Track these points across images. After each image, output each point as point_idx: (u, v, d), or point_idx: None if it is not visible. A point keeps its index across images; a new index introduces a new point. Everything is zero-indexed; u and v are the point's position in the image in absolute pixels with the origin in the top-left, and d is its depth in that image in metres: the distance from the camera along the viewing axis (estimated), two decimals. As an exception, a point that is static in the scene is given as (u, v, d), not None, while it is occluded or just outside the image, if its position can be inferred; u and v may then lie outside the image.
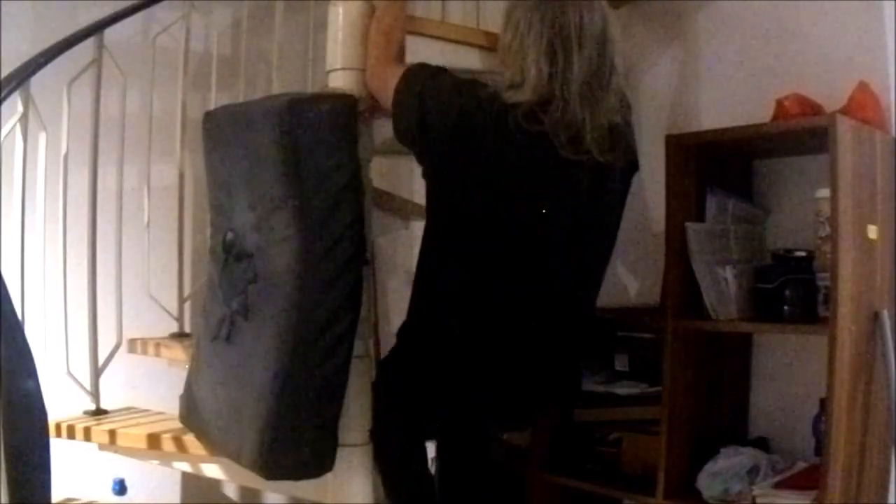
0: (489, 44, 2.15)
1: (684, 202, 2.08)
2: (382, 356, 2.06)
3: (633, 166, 1.87)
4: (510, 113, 1.67)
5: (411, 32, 1.97)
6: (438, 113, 1.73)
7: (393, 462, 1.90)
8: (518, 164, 1.71)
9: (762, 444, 2.12)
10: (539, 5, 1.70)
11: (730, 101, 2.27)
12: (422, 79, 1.78)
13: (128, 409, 2.55)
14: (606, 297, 2.28)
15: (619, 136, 1.74)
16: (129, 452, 2.36)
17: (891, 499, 1.91)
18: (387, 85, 1.82)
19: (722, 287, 2.00)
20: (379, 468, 1.90)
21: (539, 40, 1.67)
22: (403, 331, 1.89)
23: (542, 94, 1.67)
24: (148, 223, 2.65)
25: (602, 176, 1.73)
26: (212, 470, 2.25)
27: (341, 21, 1.94)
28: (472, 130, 1.71)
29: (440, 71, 1.80)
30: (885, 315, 1.85)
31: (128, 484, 2.49)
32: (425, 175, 1.82)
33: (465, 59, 2.12)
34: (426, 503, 1.92)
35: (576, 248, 1.78)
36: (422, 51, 1.97)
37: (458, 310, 1.79)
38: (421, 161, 1.81)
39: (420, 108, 1.75)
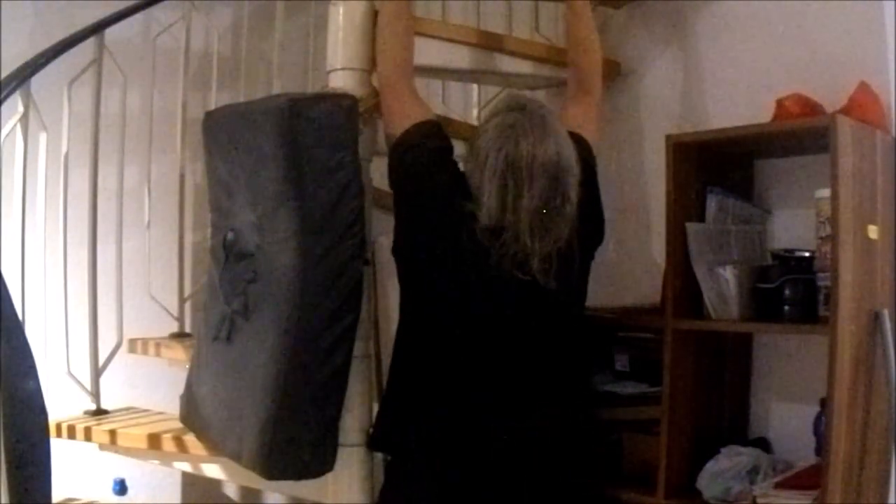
0: (489, 44, 2.15)
1: (684, 202, 2.07)
2: (382, 356, 2.07)
3: (591, 250, 1.93)
4: (473, 225, 1.75)
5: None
6: (417, 194, 1.84)
7: None
8: (473, 264, 1.78)
9: (762, 444, 2.12)
10: (497, 139, 1.76)
11: (730, 101, 2.27)
12: (425, 149, 1.85)
13: (128, 409, 2.55)
14: (606, 297, 2.28)
15: (567, 260, 1.80)
16: (130, 452, 2.36)
17: (891, 499, 1.91)
18: (395, 112, 1.89)
19: (722, 287, 1.99)
20: None
21: (493, 174, 1.74)
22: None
23: (496, 220, 1.74)
24: (148, 223, 2.65)
25: (544, 295, 1.79)
26: (212, 470, 2.25)
27: (342, 21, 1.94)
28: (437, 222, 1.82)
29: (444, 150, 1.88)
30: (886, 315, 1.85)
31: (128, 484, 2.49)
32: (393, 251, 1.89)
33: (465, 59, 2.13)
34: None
35: (524, 340, 1.85)
36: (422, 51, 1.97)
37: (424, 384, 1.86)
38: (396, 212, 1.88)
39: (405, 179, 1.85)
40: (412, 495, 1.83)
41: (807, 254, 1.95)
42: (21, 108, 2.28)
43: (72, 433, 2.33)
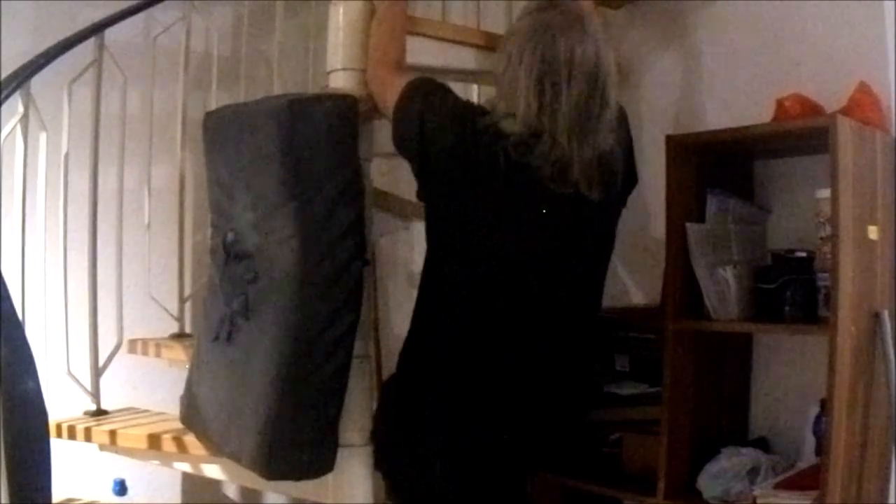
0: (489, 44, 2.15)
1: (684, 202, 2.08)
2: (382, 357, 2.06)
3: (624, 194, 1.86)
4: (502, 143, 1.68)
5: (411, 32, 1.97)
6: (436, 135, 1.74)
7: (401, 481, 1.88)
8: (505, 194, 1.71)
9: (763, 444, 2.12)
10: (531, 37, 1.69)
11: (730, 101, 2.27)
12: (422, 97, 1.78)
13: (128, 409, 2.55)
14: (607, 297, 2.28)
15: (609, 168, 1.73)
16: (130, 453, 2.36)
17: (891, 499, 1.91)
18: (387, 93, 1.82)
19: (722, 287, 2.00)
20: (388, 490, 1.89)
21: (529, 73, 1.67)
22: (404, 353, 1.88)
23: (532, 127, 1.67)
24: (148, 223, 2.65)
25: (587, 209, 1.73)
26: (212, 470, 2.25)
27: (342, 21, 1.94)
28: (466, 157, 1.72)
29: (440, 90, 1.80)
30: (886, 315, 1.85)
31: (128, 484, 2.49)
32: (420, 196, 1.83)
33: (465, 59, 2.13)
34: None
35: (563, 277, 1.78)
36: (422, 51, 1.97)
37: (455, 328, 1.79)
38: (418, 178, 1.82)
39: (420, 127, 1.75)
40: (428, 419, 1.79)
41: (807, 254, 1.95)
42: (21, 109, 2.28)
43: (72, 433, 2.33)
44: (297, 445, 1.81)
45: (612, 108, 1.70)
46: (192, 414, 2.11)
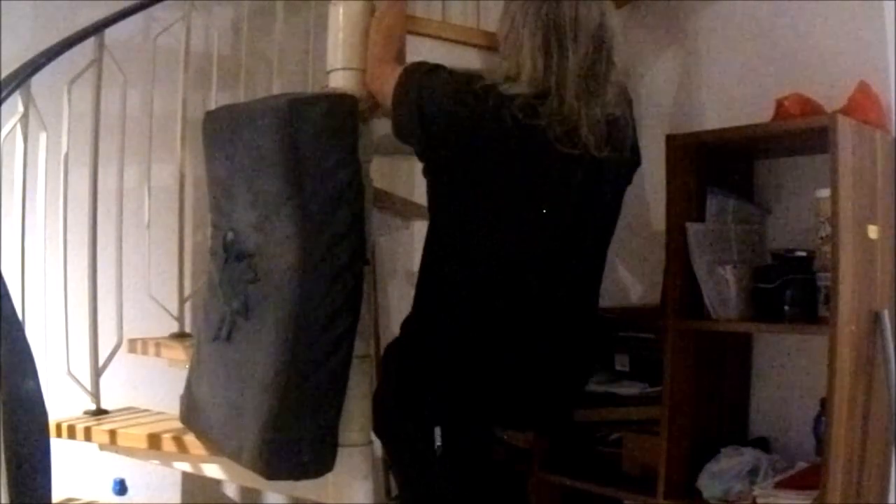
0: (489, 44, 2.15)
1: (684, 202, 2.08)
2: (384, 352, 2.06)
3: (632, 161, 1.85)
4: (506, 105, 1.66)
5: (411, 32, 1.97)
6: (437, 107, 1.73)
7: (400, 446, 1.88)
8: (514, 157, 1.70)
9: (763, 444, 2.12)
10: None
11: (730, 101, 2.27)
12: (419, 75, 1.77)
13: (128, 409, 2.55)
14: (607, 297, 2.28)
15: (617, 130, 1.73)
16: (130, 452, 2.36)
17: (891, 499, 1.91)
18: (386, 84, 1.81)
19: (722, 287, 2.00)
20: (388, 455, 1.88)
21: (534, 33, 1.66)
22: (407, 322, 1.88)
23: (538, 87, 1.66)
24: (148, 223, 2.65)
25: (597, 171, 1.72)
26: (212, 470, 2.25)
27: (341, 21, 1.94)
28: (470, 124, 1.70)
29: (437, 67, 1.80)
30: (886, 315, 1.85)
31: (128, 484, 2.48)
32: (426, 172, 1.82)
33: (465, 59, 2.13)
34: (437, 483, 1.88)
35: (572, 242, 1.77)
36: (422, 51, 1.97)
37: (460, 302, 1.78)
38: (421, 157, 1.81)
39: (419, 103, 1.74)
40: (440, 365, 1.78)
41: (806, 254, 1.95)
42: (21, 108, 2.28)
43: (72, 433, 2.33)
44: (296, 445, 1.81)
45: (619, 69, 1.70)
46: (192, 414, 2.11)
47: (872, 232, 1.86)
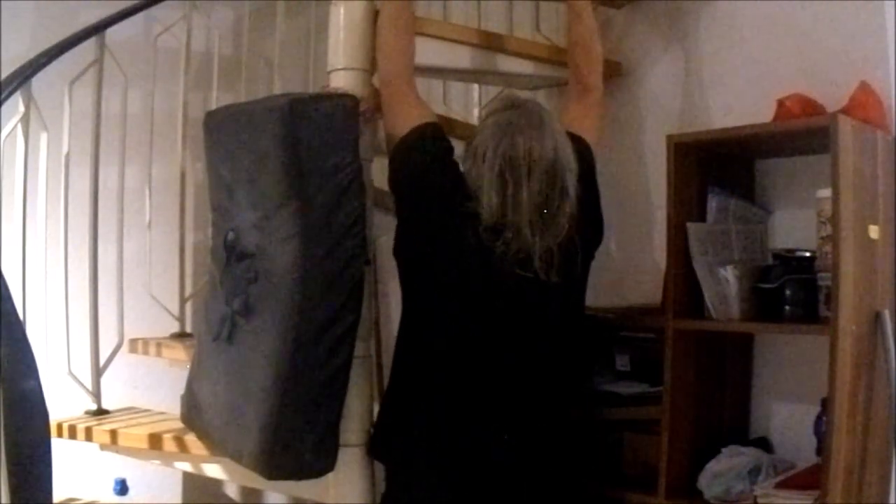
0: (489, 44, 2.16)
1: (685, 202, 2.07)
2: (383, 357, 2.07)
3: (589, 251, 1.92)
4: (474, 224, 1.77)
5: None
6: (421, 205, 1.85)
7: None
8: (475, 270, 1.81)
9: (763, 444, 2.12)
10: (493, 136, 1.78)
11: (731, 101, 2.27)
12: (423, 157, 1.86)
13: (129, 409, 2.55)
14: (607, 297, 2.28)
15: (568, 255, 1.81)
16: (131, 452, 2.36)
17: (891, 499, 1.91)
18: (398, 118, 1.89)
19: (723, 287, 1.99)
20: None
21: (492, 169, 1.76)
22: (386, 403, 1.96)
23: (496, 218, 1.76)
24: (149, 223, 2.65)
25: (548, 291, 1.81)
26: (213, 470, 2.25)
27: (342, 21, 1.94)
28: (443, 229, 1.83)
29: (441, 155, 1.87)
30: (887, 315, 1.85)
31: (129, 484, 2.48)
32: (394, 252, 1.90)
33: (465, 59, 2.13)
34: None
35: (530, 348, 1.86)
36: (422, 51, 1.97)
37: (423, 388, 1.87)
38: (398, 214, 1.89)
39: (409, 185, 1.86)
40: (415, 501, 1.83)
41: (807, 254, 1.95)
42: (22, 108, 2.28)
43: (72, 433, 2.33)
44: (297, 445, 1.81)
45: (572, 198, 1.79)
46: (192, 413, 2.11)
47: (873, 232, 1.86)
